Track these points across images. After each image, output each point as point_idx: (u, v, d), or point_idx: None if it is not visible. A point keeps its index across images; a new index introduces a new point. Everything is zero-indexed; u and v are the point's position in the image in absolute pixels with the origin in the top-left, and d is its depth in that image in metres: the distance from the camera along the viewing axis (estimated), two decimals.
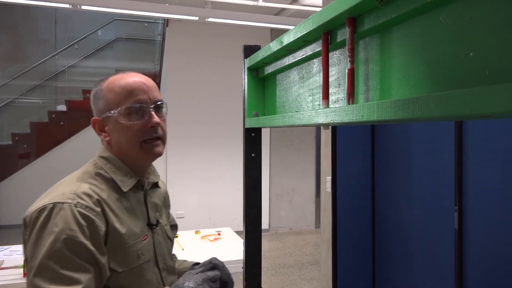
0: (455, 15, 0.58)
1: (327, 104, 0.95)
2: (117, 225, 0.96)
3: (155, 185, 1.18)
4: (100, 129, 1.05)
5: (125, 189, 1.02)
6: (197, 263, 1.23)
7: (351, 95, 0.83)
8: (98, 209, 0.94)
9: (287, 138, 6.50)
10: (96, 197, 0.95)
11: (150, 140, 1.06)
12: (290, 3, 5.29)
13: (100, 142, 1.10)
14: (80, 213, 0.90)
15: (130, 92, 1.03)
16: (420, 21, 0.65)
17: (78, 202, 0.91)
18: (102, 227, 0.92)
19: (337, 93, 0.96)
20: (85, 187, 0.95)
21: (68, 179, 1.00)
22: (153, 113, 1.05)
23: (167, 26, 5.90)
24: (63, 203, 0.90)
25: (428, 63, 0.63)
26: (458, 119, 0.54)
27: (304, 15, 5.17)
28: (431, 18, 0.62)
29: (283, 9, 5.50)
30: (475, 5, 0.55)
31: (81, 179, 0.99)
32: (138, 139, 1.04)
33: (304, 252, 5.38)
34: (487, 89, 0.46)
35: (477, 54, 0.55)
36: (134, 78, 1.05)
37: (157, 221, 1.13)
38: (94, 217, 0.92)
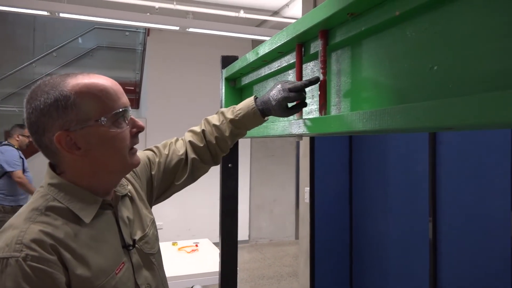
0: (421, 29, 0.59)
1: (300, 115, 0.96)
2: (80, 270, 0.79)
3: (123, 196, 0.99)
4: (69, 146, 0.83)
5: (87, 220, 0.85)
6: (256, 97, 1.07)
7: (323, 106, 0.84)
8: (54, 257, 0.76)
9: (268, 149, 6.51)
10: (50, 241, 0.76)
11: (133, 149, 0.90)
12: (271, 15, 5.35)
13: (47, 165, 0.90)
14: (31, 267, 0.73)
15: (114, 95, 0.86)
16: (388, 34, 0.67)
17: (27, 255, 0.73)
18: (61, 278, 0.76)
19: (311, 104, 0.97)
20: (35, 231, 0.77)
21: (15, 220, 0.81)
22: (133, 117, 0.90)
23: (148, 35, 5.87)
24: (8, 258, 0.73)
25: (395, 76, 0.65)
26: (423, 131, 0.56)
27: (285, 27, 5.23)
28: (399, 32, 0.64)
29: (264, 21, 5.56)
30: (439, 20, 0.56)
31: (29, 219, 0.79)
32: (127, 148, 0.88)
33: (283, 263, 5.36)
34: (449, 102, 0.47)
35: (441, 67, 0.56)
36: (105, 79, 0.88)
37: (134, 240, 0.95)
38: (50, 269, 0.75)
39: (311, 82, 0.88)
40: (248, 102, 1.04)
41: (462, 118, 0.44)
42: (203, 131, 1.12)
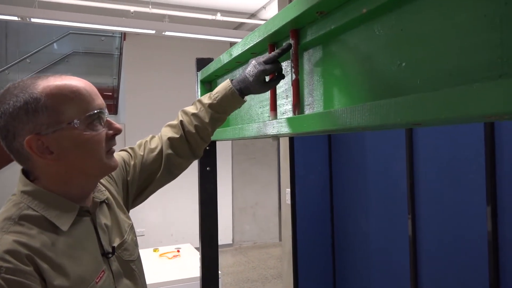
0: (388, 26, 0.59)
1: (275, 116, 0.95)
2: (59, 280, 0.76)
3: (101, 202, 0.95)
4: (41, 150, 0.80)
5: (64, 228, 0.81)
6: (231, 80, 1.03)
7: (297, 106, 0.83)
8: (30, 268, 0.73)
9: (249, 152, 6.50)
10: (25, 251, 0.74)
11: (110, 151, 0.87)
12: (248, 18, 5.35)
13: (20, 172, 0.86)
14: (6, 280, 0.70)
15: (88, 96, 0.82)
16: (357, 32, 0.66)
17: (1, 267, 0.70)
18: None
19: (285, 105, 0.97)
20: (8, 241, 0.74)
21: None
22: (109, 119, 0.87)
23: (124, 39, 5.80)
24: None
25: (365, 73, 0.65)
26: (392, 127, 0.55)
27: None
28: (367, 30, 0.64)
29: (241, 24, 5.56)
30: (406, 17, 0.57)
31: (1, 229, 0.76)
32: (103, 151, 0.84)
33: (268, 265, 5.35)
34: (415, 97, 0.47)
35: (409, 64, 0.56)
36: (77, 80, 0.84)
37: (113, 247, 0.92)
38: (26, 281, 0.72)
39: (283, 50, 0.86)
40: (224, 85, 1.02)
41: (429, 113, 0.44)
42: (181, 122, 1.08)
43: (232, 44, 6.03)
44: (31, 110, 0.78)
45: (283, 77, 0.92)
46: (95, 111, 0.82)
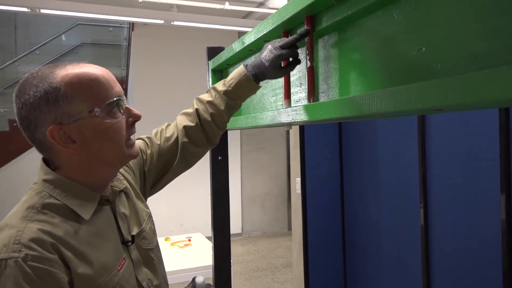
0: (407, 11, 0.58)
1: (289, 104, 0.95)
2: (82, 268, 0.77)
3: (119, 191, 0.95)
4: (63, 140, 0.79)
5: (86, 216, 0.82)
6: (246, 65, 1.02)
7: (312, 94, 0.82)
8: (55, 256, 0.74)
9: (258, 141, 6.49)
10: (50, 240, 0.74)
11: (130, 140, 0.87)
12: (256, 6, 5.30)
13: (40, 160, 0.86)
14: (32, 267, 0.71)
15: (107, 84, 0.82)
16: (375, 18, 0.65)
17: (27, 255, 0.71)
18: (64, 277, 0.74)
19: (299, 92, 0.96)
20: (33, 230, 0.74)
21: (11, 219, 0.77)
22: (128, 106, 0.86)
23: (132, 30, 5.78)
24: (7, 259, 0.70)
25: (383, 59, 0.64)
26: (413, 113, 0.55)
27: None
28: (385, 15, 0.63)
29: (250, 12, 5.52)
30: (425, 0, 0.55)
31: (25, 218, 0.76)
32: (124, 139, 0.84)
33: (277, 254, 5.38)
34: (439, 82, 0.46)
35: (429, 48, 0.55)
36: (96, 68, 0.83)
37: (132, 236, 0.92)
38: (52, 268, 0.72)
39: (301, 36, 0.84)
40: (239, 70, 1.00)
41: (453, 98, 0.43)
42: (196, 110, 1.07)
43: (240, 33, 5.99)
44: (52, 100, 0.78)
45: (299, 62, 0.90)
46: (115, 99, 0.82)
